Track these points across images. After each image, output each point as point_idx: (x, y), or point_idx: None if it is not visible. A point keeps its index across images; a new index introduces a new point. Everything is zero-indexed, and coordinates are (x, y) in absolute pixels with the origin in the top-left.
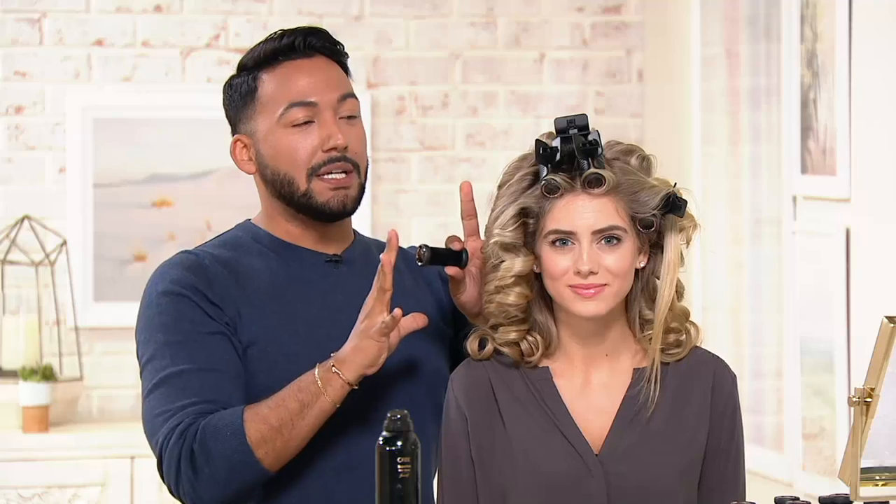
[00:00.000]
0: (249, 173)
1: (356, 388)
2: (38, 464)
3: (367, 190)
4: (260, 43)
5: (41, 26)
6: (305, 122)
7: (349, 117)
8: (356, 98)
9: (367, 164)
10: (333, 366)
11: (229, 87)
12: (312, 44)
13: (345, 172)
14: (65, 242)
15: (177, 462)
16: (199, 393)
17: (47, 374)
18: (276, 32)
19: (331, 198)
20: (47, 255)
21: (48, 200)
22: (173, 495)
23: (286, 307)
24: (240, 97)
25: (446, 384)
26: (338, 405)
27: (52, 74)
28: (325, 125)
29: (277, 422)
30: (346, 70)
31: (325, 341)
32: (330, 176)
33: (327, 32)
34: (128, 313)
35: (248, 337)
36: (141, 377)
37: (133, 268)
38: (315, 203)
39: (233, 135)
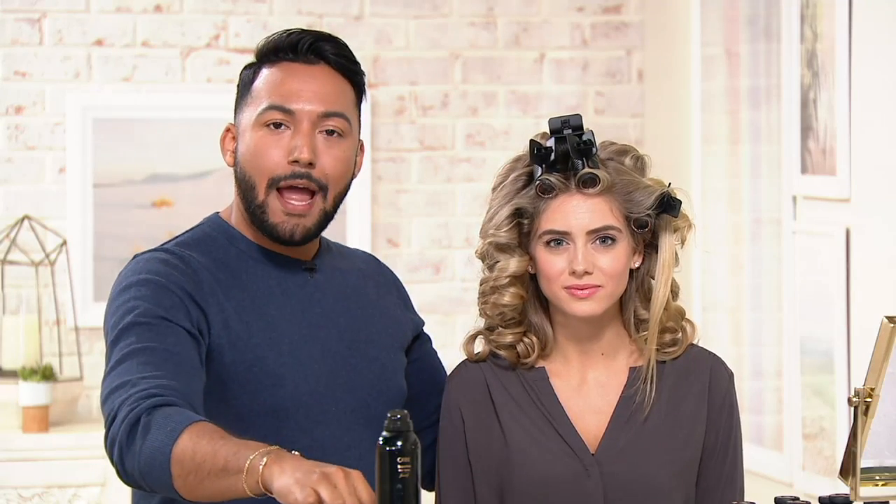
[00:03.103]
0: (229, 165)
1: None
2: (38, 464)
3: (366, 190)
4: (272, 35)
5: (41, 26)
6: (280, 127)
7: (330, 133)
8: (346, 118)
9: (344, 188)
10: (263, 472)
11: (240, 74)
12: (319, 50)
13: (308, 193)
14: (65, 242)
15: (124, 421)
16: (160, 367)
17: (47, 374)
18: (291, 29)
19: (282, 222)
20: (47, 255)
21: (48, 200)
22: (108, 455)
23: (270, 325)
24: (241, 86)
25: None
26: (250, 495)
27: (52, 74)
28: (296, 135)
29: (201, 460)
30: (357, 88)
31: (308, 362)
32: (291, 198)
33: (343, 44)
34: None
35: (233, 355)
36: (107, 356)
37: None
38: (266, 220)
39: None
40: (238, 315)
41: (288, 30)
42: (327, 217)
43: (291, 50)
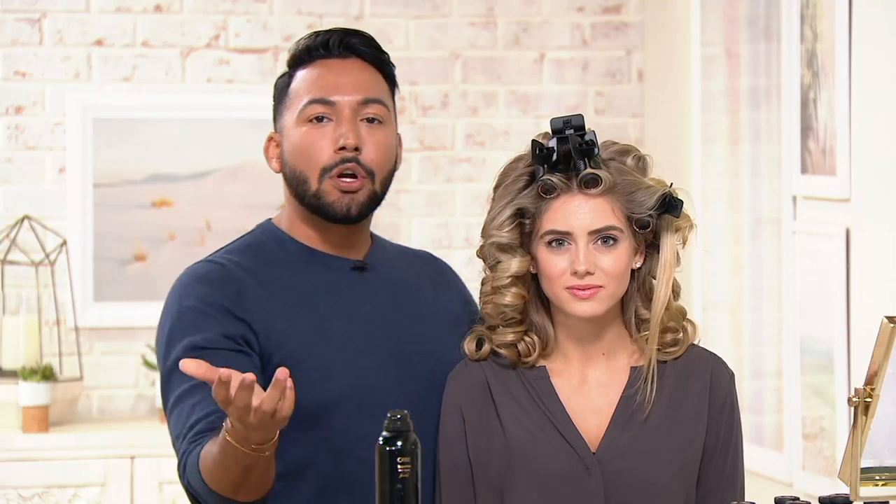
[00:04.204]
0: (276, 172)
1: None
2: (38, 464)
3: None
4: (300, 40)
5: (41, 26)
6: (323, 120)
7: (370, 120)
8: (384, 105)
9: (389, 174)
10: (254, 447)
11: (274, 85)
12: (349, 45)
13: (356, 177)
14: (65, 242)
15: (186, 493)
16: (204, 407)
17: (47, 374)
18: (317, 31)
19: (336, 199)
20: (47, 255)
21: (48, 200)
22: None
23: (318, 322)
24: (277, 94)
25: None
26: (261, 452)
27: (52, 74)
28: (339, 125)
29: (229, 479)
30: (388, 78)
31: (357, 357)
32: (342, 179)
33: (370, 37)
34: (128, 313)
35: (281, 353)
36: (161, 391)
37: (133, 268)
38: (323, 203)
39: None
40: (285, 314)
41: (315, 32)
42: (377, 197)
43: (324, 48)
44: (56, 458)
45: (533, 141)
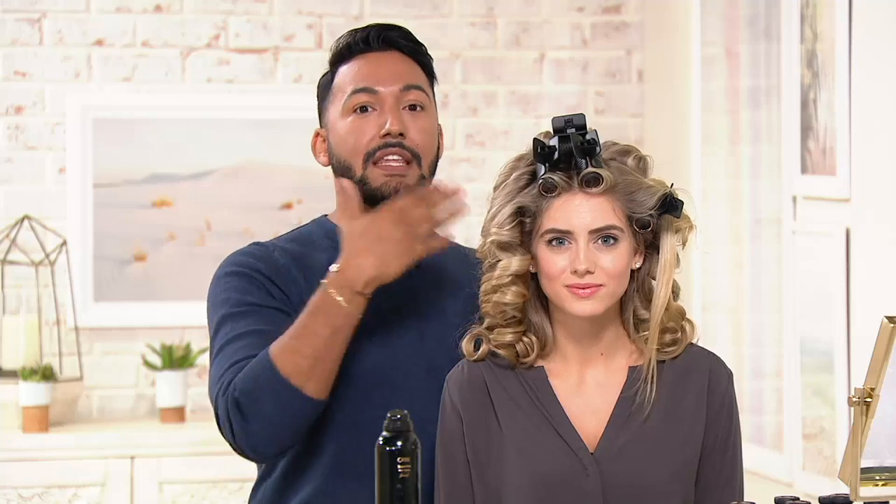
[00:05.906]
0: (324, 165)
1: None
2: (38, 464)
3: None
4: (340, 38)
5: (41, 26)
6: (366, 109)
7: (412, 107)
8: (424, 91)
9: (434, 158)
10: (354, 288)
11: (317, 84)
12: (388, 38)
13: (402, 160)
14: (65, 242)
15: (227, 416)
16: (250, 350)
17: (47, 374)
18: (356, 28)
19: (384, 183)
20: (47, 255)
21: (48, 200)
22: (238, 453)
23: None
24: (321, 91)
25: None
26: (357, 310)
27: (52, 74)
28: (383, 113)
29: (311, 350)
30: (426, 70)
31: (385, 337)
32: (388, 162)
33: (407, 31)
34: (128, 313)
35: None
36: (209, 350)
37: (133, 268)
38: (369, 189)
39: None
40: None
41: (354, 29)
42: (423, 181)
43: (363, 42)
44: (56, 458)
45: (534, 139)
